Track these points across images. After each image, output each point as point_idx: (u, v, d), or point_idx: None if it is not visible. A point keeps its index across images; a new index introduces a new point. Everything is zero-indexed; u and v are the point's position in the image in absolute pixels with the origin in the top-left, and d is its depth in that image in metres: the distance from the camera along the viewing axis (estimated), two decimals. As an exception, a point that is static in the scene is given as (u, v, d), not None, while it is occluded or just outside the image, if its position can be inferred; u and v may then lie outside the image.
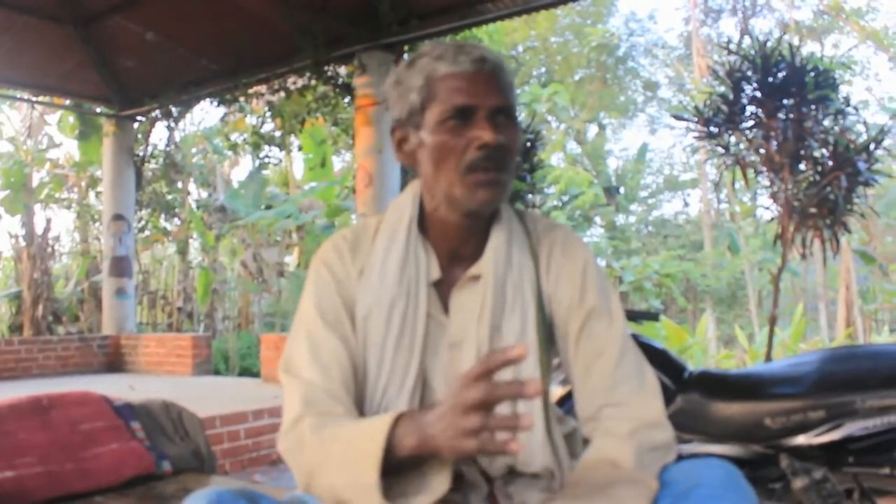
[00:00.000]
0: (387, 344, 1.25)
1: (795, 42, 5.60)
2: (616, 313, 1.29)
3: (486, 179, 1.20)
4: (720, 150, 5.62)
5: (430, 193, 1.29)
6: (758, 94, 5.33)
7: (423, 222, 1.32)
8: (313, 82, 7.17)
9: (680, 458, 1.21)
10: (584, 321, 1.27)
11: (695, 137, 5.86)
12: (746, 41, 5.53)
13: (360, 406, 1.25)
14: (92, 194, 12.66)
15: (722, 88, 5.53)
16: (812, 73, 5.16)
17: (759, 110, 5.35)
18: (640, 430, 1.17)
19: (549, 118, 19.68)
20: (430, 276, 1.29)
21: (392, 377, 1.24)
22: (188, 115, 10.45)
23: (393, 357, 1.24)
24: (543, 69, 22.73)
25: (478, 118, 1.20)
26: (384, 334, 1.25)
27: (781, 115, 5.24)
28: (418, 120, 1.25)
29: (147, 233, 11.79)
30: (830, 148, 5.15)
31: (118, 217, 8.48)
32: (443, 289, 1.29)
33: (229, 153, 12.93)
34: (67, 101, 9.55)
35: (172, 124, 9.02)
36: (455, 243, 1.30)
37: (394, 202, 1.36)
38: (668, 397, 2.40)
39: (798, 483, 2.11)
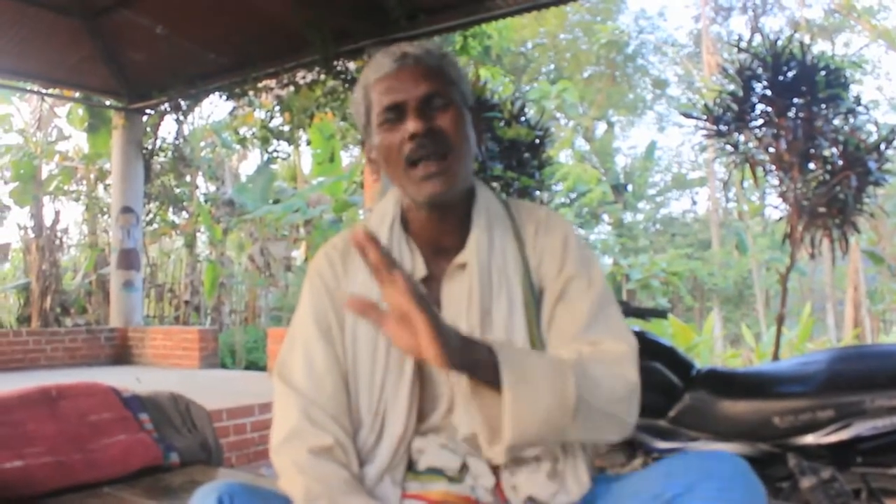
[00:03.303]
0: (378, 342, 1.27)
1: (806, 40, 5.58)
2: (595, 279, 1.31)
3: (425, 173, 1.23)
4: (729, 148, 5.60)
5: (400, 192, 1.34)
6: (768, 92, 5.32)
7: (406, 221, 1.35)
8: (322, 77, 7.16)
9: (687, 452, 1.21)
10: (563, 287, 1.29)
11: (704, 136, 5.85)
12: (757, 39, 5.50)
13: (357, 404, 1.27)
14: (101, 187, 12.67)
15: (732, 87, 5.51)
16: (823, 72, 5.14)
17: (769, 109, 5.34)
18: (597, 353, 1.20)
19: (558, 115, 19.66)
20: (415, 272, 1.31)
21: (388, 373, 1.26)
22: (197, 109, 10.46)
23: (386, 354, 1.27)
24: (552, 66, 22.70)
25: (408, 111, 1.24)
26: (375, 333, 1.27)
27: (791, 114, 5.22)
28: (370, 129, 1.31)
29: (155, 226, 11.81)
30: (840, 147, 5.13)
31: (126, 210, 8.50)
32: (432, 284, 1.32)
33: (238, 147, 12.91)
34: (77, 94, 9.56)
35: (181, 118, 9.02)
36: (435, 237, 1.33)
37: (377, 205, 1.41)
38: (676, 395, 2.40)
39: (806, 482, 2.10)
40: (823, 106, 5.19)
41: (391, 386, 1.26)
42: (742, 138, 5.55)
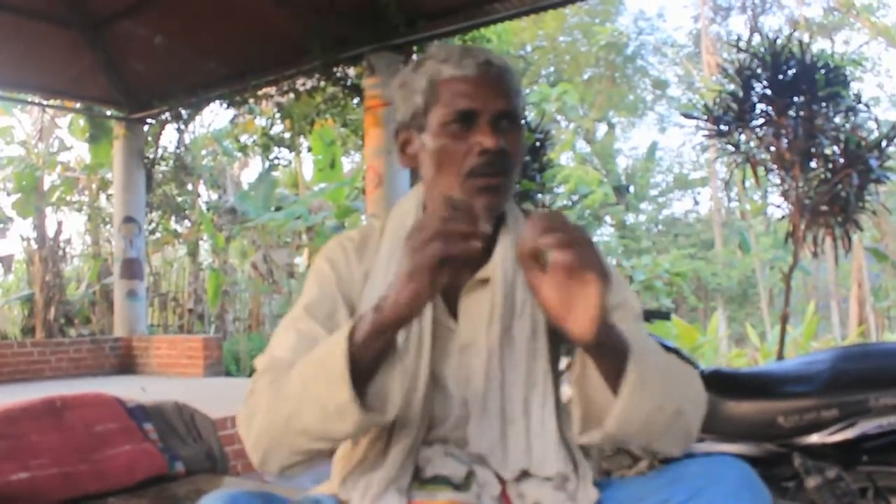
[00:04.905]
0: None
1: (805, 39, 5.58)
2: (632, 302, 1.29)
3: (485, 185, 1.20)
4: (730, 148, 5.60)
5: (430, 197, 1.30)
6: (768, 91, 5.31)
7: None
8: (322, 83, 7.18)
9: (693, 456, 1.20)
10: None
11: (704, 136, 5.85)
12: (756, 39, 5.51)
13: None
14: (103, 197, 12.71)
15: (732, 86, 5.51)
16: (822, 70, 5.13)
17: (770, 108, 5.33)
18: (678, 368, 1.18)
19: (559, 118, 19.66)
20: None
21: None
22: (198, 118, 10.49)
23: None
24: (552, 68, 22.71)
25: (480, 123, 1.20)
26: None
27: (792, 113, 5.22)
28: (421, 122, 1.25)
29: (157, 235, 11.83)
30: (841, 145, 5.12)
31: (129, 219, 8.51)
32: (449, 295, 1.28)
33: (239, 155, 12.95)
34: (77, 105, 9.60)
35: (182, 126, 9.05)
36: None
37: (397, 206, 1.37)
38: (680, 396, 2.39)
39: (811, 482, 2.10)
40: (824, 104, 5.18)
41: (404, 399, 1.22)
42: (743, 138, 5.55)
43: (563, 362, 1.34)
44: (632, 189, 19.76)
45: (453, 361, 1.26)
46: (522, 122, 1.28)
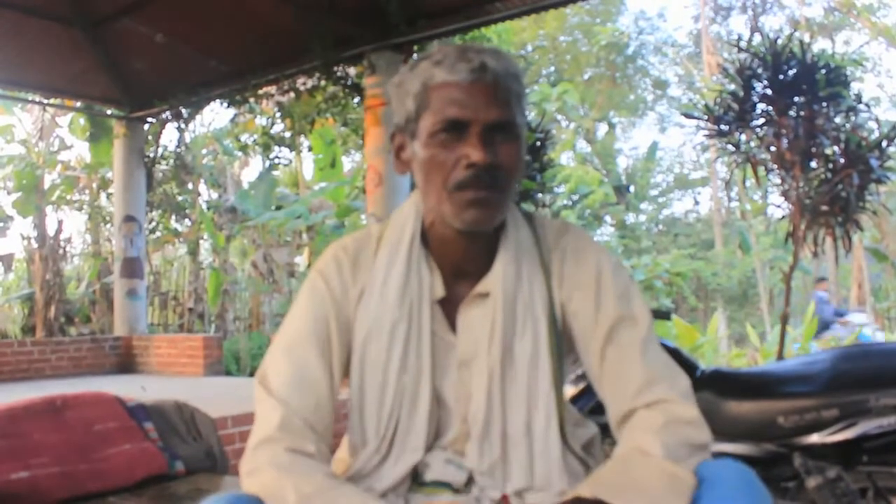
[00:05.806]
0: (390, 366, 1.21)
1: (806, 39, 5.57)
2: (640, 315, 1.22)
3: (473, 198, 1.13)
4: (731, 148, 5.59)
5: (425, 206, 1.24)
6: (768, 91, 5.31)
7: (425, 236, 1.26)
8: (323, 83, 7.17)
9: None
10: (608, 332, 1.20)
11: (705, 136, 5.85)
12: (757, 38, 5.49)
13: (363, 425, 1.23)
14: (103, 196, 12.70)
15: (732, 86, 5.51)
16: (823, 70, 5.13)
17: (770, 108, 5.33)
18: (672, 423, 1.10)
19: (559, 117, 19.68)
20: (433, 294, 1.24)
21: (400, 399, 1.21)
22: (198, 117, 10.49)
23: (398, 378, 1.21)
24: (553, 68, 22.73)
25: (471, 133, 1.13)
26: (386, 356, 1.21)
27: (792, 113, 5.22)
28: (413, 128, 1.19)
29: (158, 234, 11.83)
30: (842, 145, 5.12)
31: (129, 218, 8.50)
32: (448, 306, 1.25)
33: (239, 154, 12.95)
34: (78, 104, 9.59)
35: (182, 125, 9.03)
36: (457, 259, 1.24)
37: (396, 213, 1.31)
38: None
39: (812, 482, 2.09)
40: (824, 104, 5.18)
41: (406, 414, 1.21)
42: (743, 138, 5.54)
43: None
44: (632, 189, 19.80)
45: (453, 377, 1.24)
46: (523, 126, 1.20)
